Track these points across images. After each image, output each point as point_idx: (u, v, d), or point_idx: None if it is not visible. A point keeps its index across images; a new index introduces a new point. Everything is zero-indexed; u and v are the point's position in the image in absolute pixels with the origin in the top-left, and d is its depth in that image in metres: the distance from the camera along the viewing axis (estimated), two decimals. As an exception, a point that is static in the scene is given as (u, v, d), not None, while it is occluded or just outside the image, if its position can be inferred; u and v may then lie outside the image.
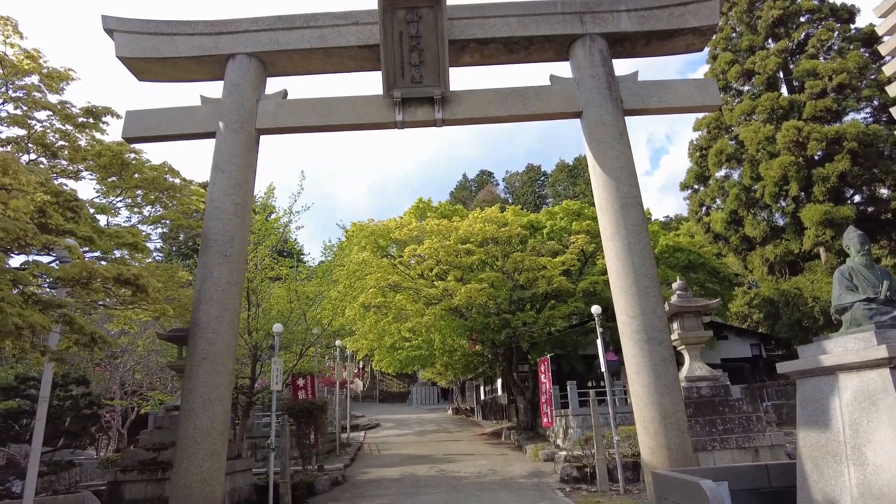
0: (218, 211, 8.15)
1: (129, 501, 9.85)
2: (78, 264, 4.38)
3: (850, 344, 4.87)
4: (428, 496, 10.46)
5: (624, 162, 8.39)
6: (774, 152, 23.59)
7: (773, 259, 25.47)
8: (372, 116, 9.21)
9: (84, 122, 9.04)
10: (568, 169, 60.21)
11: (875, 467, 4.42)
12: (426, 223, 19.39)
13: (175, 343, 11.18)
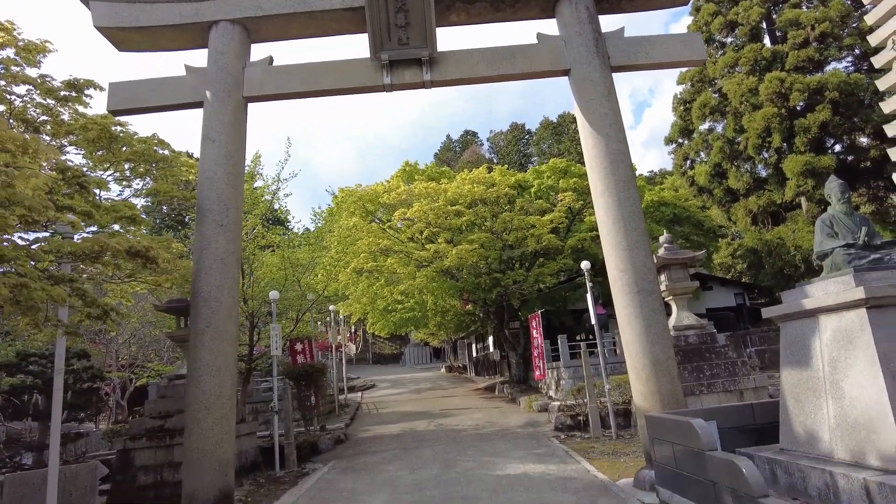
0: (210, 181, 8.16)
1: (140, 468, 10.14)
2: (92, 239, 4.45)
3: (830, 287, 5.14)
4: (429, 448, 10.88)
5: (612, 119, 8.49)
6: (758, 104, 23.74)
7: (756, 210, 25.94)
8: (360, 80, 9.16)
9: (66, 95, 8.89)
10: (552, 126, 59.93)
11: (851, 400, 4.75)
12: (414, 186, 19.42)
13: (173, 314, 11.32)
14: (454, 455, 10.14)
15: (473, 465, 9.20)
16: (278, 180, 14.72)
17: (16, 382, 10.59)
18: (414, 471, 9.13)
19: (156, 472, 10.13)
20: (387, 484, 8.44)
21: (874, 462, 4.50)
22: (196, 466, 7.30)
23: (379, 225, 20.84)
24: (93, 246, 4.50)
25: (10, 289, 3.43)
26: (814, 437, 5.20)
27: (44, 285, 3.70)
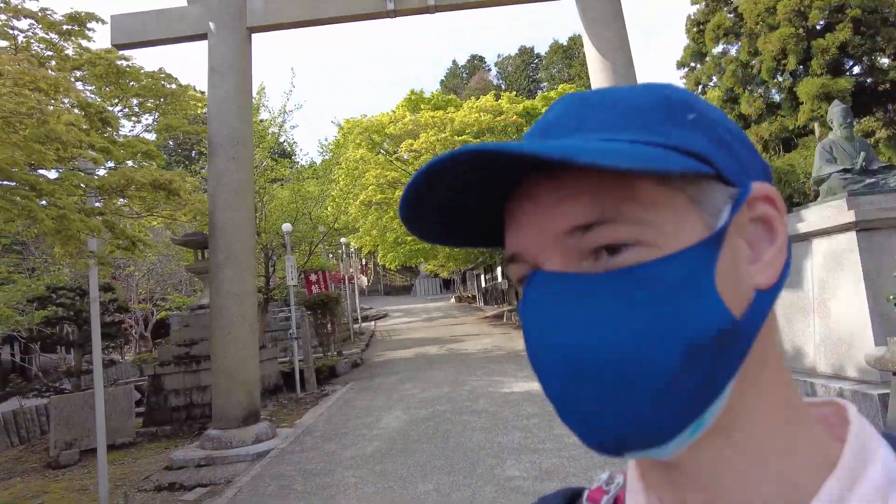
0: (220, 115, 8.28)
1: (170, 391, 10.85)
2: (118, 172, 4.69)
3: (824, 212, 5.34)
4: (440, 370, 11.51)
5: (619, 42, 8.40)
6: (774, 24, 22.87)
7: (768, 136, 25.52)
8: (363, 6, 9.04)
9: (69, 29, 8.86)
10: (562, 50, 57.93)
11: (836, 317, 5.06)
12: (420, 116, 19.26)
13: (191, 247, 11.71)
14: (464, 376, 10.73)
15: (482, 384, 9.78)
16: (284, 112, 14.69)
17: (48, 314, 11.16)
18: (426, 389, 9.73)
19: (185, 394, 10.84)
20: (401, 401, 9.05)
21: (852, 374, 4.84)
22: (224, 387, 7.86)
23: (386, 157, 20.84)
24: (119, 179, 4.74)
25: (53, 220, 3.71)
26: (800, 353, 5.54)
27: (81, 217, 3.97)
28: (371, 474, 5.79)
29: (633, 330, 0.33)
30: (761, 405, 0.36)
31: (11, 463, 9.48)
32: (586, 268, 0.35)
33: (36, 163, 4.03)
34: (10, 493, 7.31)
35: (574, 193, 0.35)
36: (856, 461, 0.35)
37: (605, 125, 0.36)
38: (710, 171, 0.36)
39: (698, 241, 0.34)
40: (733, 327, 0.34)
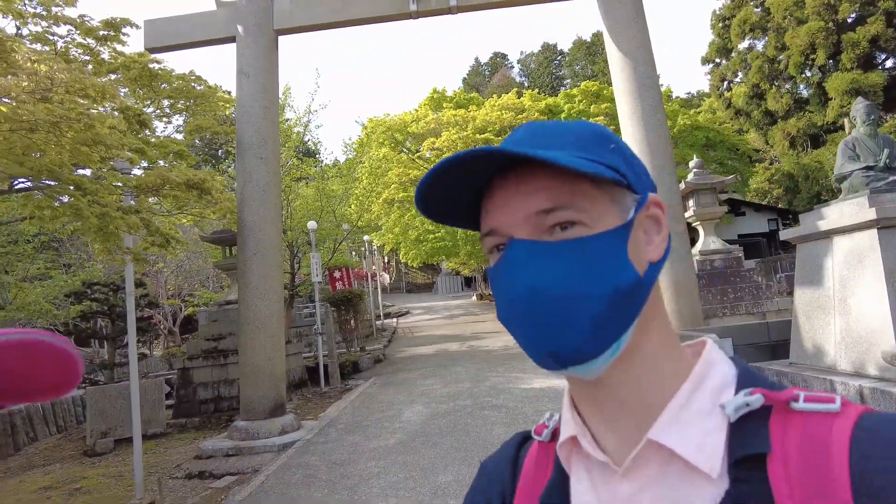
0: (248, 116, 8.52)
1: (199, 384, 11.17)
2: (155, 172, 4.93)
3: (845, 209, 5.32)
4: (462, 367, 11.65)
5: (641, 41, 8.42)
6: (803, 18, 22.43)
7: (796, 133, 25.05)
8: (386, 8, 9.20)
9: (105, 34, 9.19)
10: (586, 46, 57.49)
11: (856, 316, 5.04)
12: (442, 114, 19.41)
13: (219, 244, 12.03)
14: (485, 372, 10.85)
15: (503, 380, 9.88)
16: (309, 112, 14.97)
17: (83, 308, 11.59)
18: (447, 385, 9.88)
19: (213, 387, 11.16)
20: (423, 395, 9.22)
21: (872, 371, 4.84)
22: (251, 380, 8.11)
23: (408, 155, 21.03)
24: (156, 179, 4.98)
25: (97, 218, 3.95)
26: (820, 350, 5.54)
27: (121, 215, 4.20)
28: (393, 465, 5.96)
29: (576, 278, 0.50)
30: (652, 340, 0.54)
31: (50, 450, 9.90)
32: (546, 238, 0.52)
33: (81, 163, 4.27)
34: (51, 478, 7.67)
35: (541, 188, 0.52)
36: (702, 372, 0.54)
37: (559, 146, 0.53)
38: (624, 182, 0.54)
39: (616, 227, 0.53)
40: (637, 282, 0.52)
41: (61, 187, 4.10)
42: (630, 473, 0.53)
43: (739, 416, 0.50)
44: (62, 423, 11.63)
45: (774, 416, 0.50)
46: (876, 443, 0.46)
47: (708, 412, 0.51)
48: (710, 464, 0.49)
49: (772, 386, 0.52)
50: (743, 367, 0.55)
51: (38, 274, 12.86)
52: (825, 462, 0.46)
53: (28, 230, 11.66)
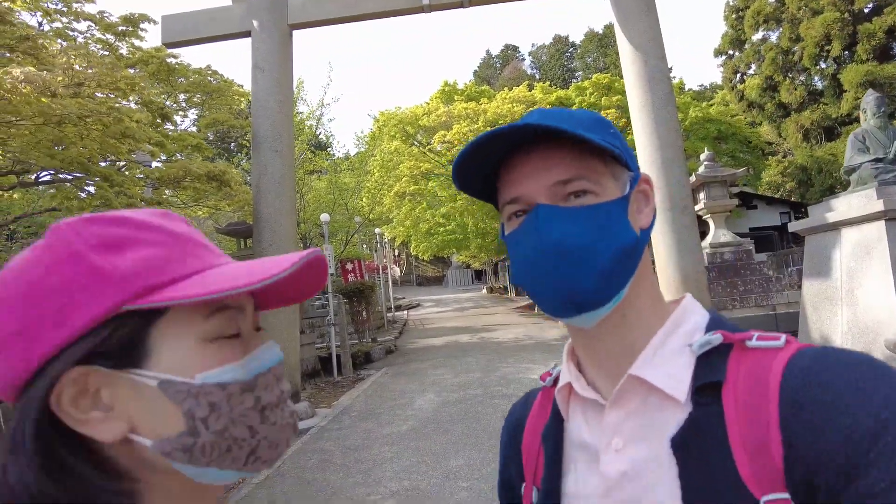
0: (263, 109, 8.65)
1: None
2: (178, 164, 5.09)
3: (854, 201, 5.37)
4: (472, 357, 11.78)
5: (652, 35, 8.44)
6: (818, 9, 22.19)
7: (809, 125, 24.82)
8: (398, 3, 9.29)
9: (124, 30, 9.39)
10: (598, 38, 57.09)
11: (864, 307, 5.11)
12: (453, 107, 19.46)
13: (234, 237, 12.22)
14: (495, 363, 10.98)
15: (513, 370, 10.01)
16: (322, 105, 15.11)
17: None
18: (458, 375, 10.02)
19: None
20: (434, 384, 9.37)
21: (879, 360, 4.91)
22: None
23: (419, 148, 21.12)
24: (178, 171, 5.14)
25: (125, 208, 4.08)
26: (827, 341, 5.61)
27: (146, 206, 4.36)
28: (406, 450, 6.11)
29: (590, 236, 0.61)
30: (640, 296, 0.66)
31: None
32: (564, 204, 0.63)
33: (110, 156, 4.44)
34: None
35: (560, 162, 0.63)
36: (677, 319, 0.65)
37: (570, 127, 0.61)
38: (621, 160, 0.66)
39: (618, 198, 0.64)
40: (636, 241, 0.64)
41: (91, 179, 4.26)
42: (615, 405, 0.64)
43: (703, 351, 0.61)
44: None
45: (733, 353, 0.60)
46: (802, 373, 0.55)
47: (680, 351, 0.63)
48: (678, 391, 0.60)
49: (734, 329, 0.63)
50: (714, 316, 0.66)
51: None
52: (763, 390, 0.56)
53: (48, 222, 11.92)
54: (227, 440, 0.52)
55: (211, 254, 0.57)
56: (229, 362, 0.53)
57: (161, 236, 0.54)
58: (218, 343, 0.53)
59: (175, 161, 5.85)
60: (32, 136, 4.24)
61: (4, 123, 4.29)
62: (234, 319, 0.55)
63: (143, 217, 0.55)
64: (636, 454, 0.61)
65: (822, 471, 0.50)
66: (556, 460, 0.69)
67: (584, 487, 0.65)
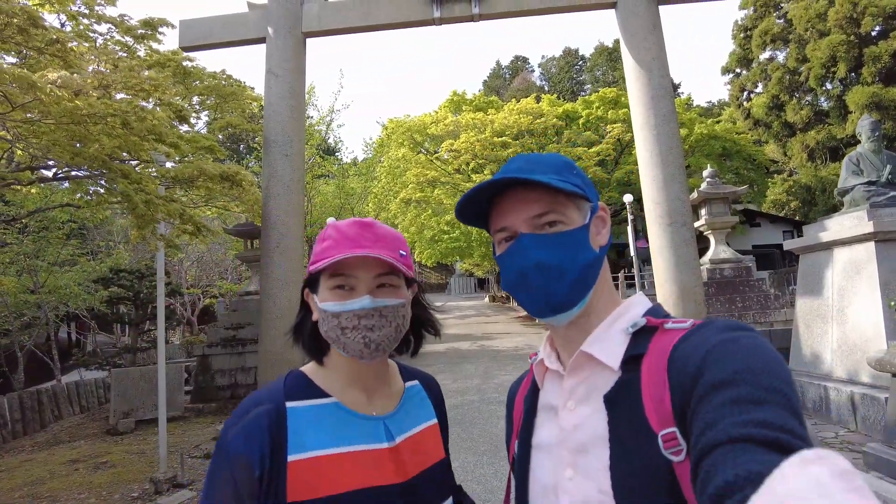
0: (275, 114, 8.88)
1: (216, 371, 11.58)
2: (192, 165, 5.29)
3: (846, 222, 5.52)
4: (472, 364, 11.93)
5: (656, 53, 8.62)
6: (825, 31, 22.40)
7: (814, 145, 24.98)
8: (410, 14, 9.51)
9: (143, 33, 9.63)
10: (608, 52, 57.34)
11: (853, 325, 5.25)
12: (461, 117, 19.68)
13: (242, 237, 12.43)
14: (494, 370, 11.12)
15: (510, 378, 10.13)
16: (332, 111, 15.35)
17: (110, 294, 12.07)
18: (457, 381, 10.16)
19: (230, 374, 11.56)
20: (433, 390, 9.52)
21: (866, 379, 5.04)
22: (269, 367, 8.46)
23: (426, 156, 21.34)
24: (193, 171, 5.33)
25: (144, 204, 4.31)
26: (818, 358, 5.74)
27: (164, 202, 4.55)
28: (403, 451, 6.25)
29: (561, 257, 0.81)
30: (600, 298, 0.87)
31: (75, 428, 10.35)
32: (540, 232, 0.83)
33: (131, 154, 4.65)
34: (78, 452, 8.08)
35: (535, 200, 0.83)
36: (621, 311, 0.86)
37: (542, 171, 0.83)
38: (583, 194, 0.85)
39: (581, 225, 0.84)
40: (597, 258, 0.84)
41: (111, 176, 4.46)
42: (570, 373, 0.85)
43: (634, 331, 0.81)
44: (85, 403, 12.11)
45: (656, 334, 0.79)
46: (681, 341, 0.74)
47: (619, 332, 0.82)
48: (613, 361, 0.80)
49: (663, 316, 0.83)
50: (654, 307, 0.87)
51: (67, 260, 13.36)
52: (663, 356, 0.74)
53: (59, 217, 12.17)
54: (329, 336, 1.00)
55: (354, 244, 0.97)
56: (332, 301, 0.98)
57: (335, 234, 1.00)
58: (333, 291, 0.98)
59: (188, 162, 6.03)
60: (56, 134, 4.44)
61: (29, 122, 4.50)
62: (344, 280, 0.98)
63: (340, 224, 1.03)
64: (583, 410, 0.81)
65: (685, 389, 0.68)
66: (531, 418, 0.92)
67: (548, 437, 0.86)
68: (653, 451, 0.70)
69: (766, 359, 0.64)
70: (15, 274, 11.44)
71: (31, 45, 4.60)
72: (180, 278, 20.41)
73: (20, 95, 3.78)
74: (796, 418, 0.58)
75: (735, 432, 0.56)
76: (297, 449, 0.93)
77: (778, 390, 0.60)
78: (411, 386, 1.20)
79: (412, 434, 1.07)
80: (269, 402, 0.97)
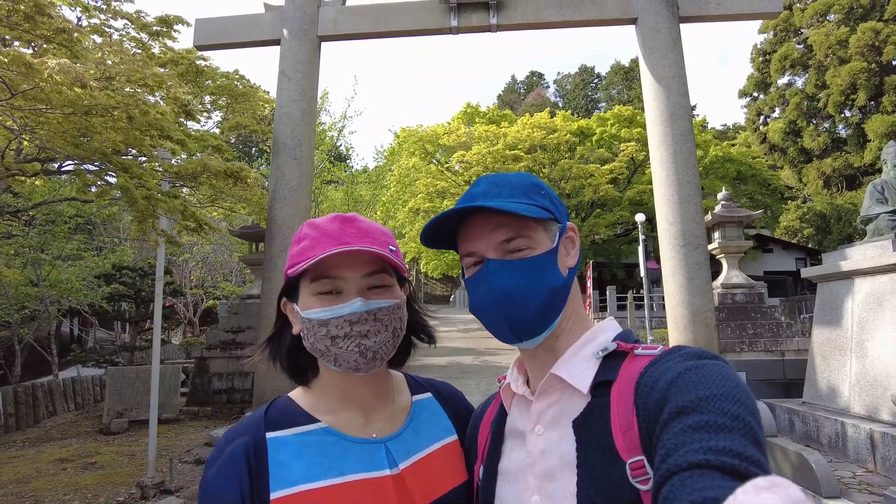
0: (286, 117, 8.77)
1: (214, 374, 11.42)
2: (196, 161, 5.18)
3: (868, 251, 5.30)
4: (473, 380, 11.70)
5: (676, 71, 8.46)
6: (845, 58, 22.21)
7: (831, 172, 24.70)
8: (427, 22, 9.41)
9: (158, 30, 9.60)
10: (623, 71, 57.33)
11: (873, 359, 5.01)
12: (474, 129, 19.59)
13: (246, 240, 12.33)
14: (495, 387, 10.85)
15: (513, 396, 9.91)
16: (344, 117, 15.30)
17: (111, 291, 11.97)
18: (457, 396, 9.94)
19: (228, 378, 11.39)
20: (432, 404, 9.29)
21: (886, 417, 4.80)
22: (267, 373, 8.24)
23: (437, 166, 21.24)
24: (196, 166, 5.22)
25: (144, 199, 4.18)
26: (835, 391, 5.50)
27: (165, 198, 4.43)
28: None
29: (527, 283, 0.79)
30: (569, 321, 0.84)
31: (68, 426, 10.21)
32: (507, 257, 0.81)
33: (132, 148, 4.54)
34: (67, 451, 7.92)
35: (501, 225, 0.81)
36: (591, 335, 0.84)
37: (508, 194, 0.82)
38: (551, 217, 0.83)
39: (548, 249, 0.82)
40: (563, 283, 0.82)
41: (112, 170, 4.34)
42: (539, 397, 0.82)
43: (603, 356, 0.80)
44: (80, 401, 11.97)
45: (626, 359, 0.78)
46: (647, 368, 0.73)
47: (590, 357, 0.81)
48: (583, 385, 0.78)
49: (635, 341, 0.82)
50: (624, 332, 0.85)
51: (71, 254, 13.31)
52: (631, 383, 0.73)
53: (66, 211, 12.12)
54: (316, 348, 0.89)
55: (332, 242, 0.87)
56: (318, 307, 0.87)
57: (314, 234, 0.89)
58: (318, 296, 0.88)
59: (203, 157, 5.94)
60: (59, 125, 4.34)
61: (34, 111, 4.40)
62: (330, 284, 0.88)
63: (317, 221, 0.92)
64: (551, 435, 0.79)
65: (651, 417, 0.67)
66: (497, 443, 0.89)
67: (514, 463, 0.84)
68: (620, 479, 0.69)
69: (731, 386, 0.64)
70: (20, 266, 11.38)
71: (37, 33, 4.51)
72: (184, 278, 20.35)
73: (21, 82, 3.68)
74: (757, 446, 0.58)
75: (694, 458, 0.56)
76: (280, 484, 0.83)
77: (740, 417, 0.60)
78: (421, 399, 1.06)
79: (421, 457, 0.94)
80: (245, 434, 0.88)
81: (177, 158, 7.02)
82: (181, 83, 9.78)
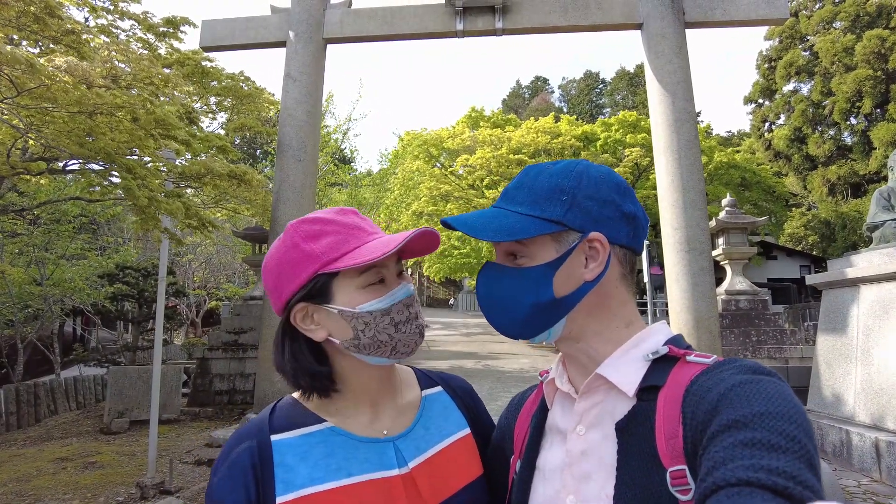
0: (291, 118, 8.78)
1: (215, 375, 11.42)
2: (199, 162, 5.19)
3: (874, 259, 5.27)
4: (475, 384, 11.55)
5: (681, 76, 8.45)
6: (851, 65, 22.17)
7: (836, 180, 24.62)
8: (433, 26, 9.43)
9: (165, 31, 9.64)
10: (628, 77, 57.33)
11: (879, 367, 4.97)
12: (478, 133, 19.61)
13: (250, 241, 12.33)
14: (497, 391, 10.84)
15: (514, 400, 9.87)
16: (349, 120, 15.32)
17: (114, 290, 11.98)
18: (459, 400, 9.90)
19: (229, 379, 11.38)
20: (433, 408, 9.25)
21: (892, 426, 4.76)
22: (268, 374, 8.26)
23: (441, 170, 21.25)
24: (200, 168, 5.22)
25: (147, 199, 4.19)
26: (839, 399, 5.46)
27: (166, 200, 4.43)
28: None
29: (512, 294, 0.80)
30: (599, 323, 0.81)
31: (69, 425, 10.21)
32: (507, 262, 0.82)
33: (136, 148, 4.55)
34: (68, 450, 7.92)
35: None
36: (639, 338, 0.80)
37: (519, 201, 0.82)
38: (562, 228, 0.78)
39: (549, 261, 0.79)
40: (553, 301, 0.79)
41: (115, 170, 4.35)
42: (583, 397, 0.81)
43: (653, 359, 0.77)
44: (82, 400, 11.98)
45: (677, 365, 0.76)
46: (696, 378, 0.71)
47: (638, 359, 0.78)
48: (628, 388, 0.76)
49: (687, 347, 0.79)
50: (676, 337, 0.82)
51: (75, 253, 13.34)
52: (680, 392, 0.71)
53: (71, 210, 12.14)
54: (375, 342, 0.86)
55: (365, 233, 0.88)
56: (374, 298, 0.86)
57: (337, 227, 0.88)
58: (368, 287, 0.87)
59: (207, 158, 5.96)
60: (65, 124, 4.35)
61: (40, 110, 4.41)
62: (378, 273, 0.87)
63: (328, 216, 0.90)
64: (593, 436, 0.78)
65: (698, 427, 0.65)
66: (537, 439, 0.88)
67: (553, 461, 0.83)
68: (659, 487, 0.68)
69: (788, 405, 0.61)
70: (24, 265, 11.40)
71: (46, 34, 4.53)
72: (187, 279, 20.37)
73: (26, 80, 3.69)
74: (812, 471, 0.55)
75: (744, 475, 0.54)
76: (286, 488, 0.82)
77: (797, 439, 0.57)
78: (432, 394, 1.05)
79: (432, 454, 0.93)
80: (250, 438, 0.87)
81: (181, 159, 7.03)
82: (186, 83, 9.83)
